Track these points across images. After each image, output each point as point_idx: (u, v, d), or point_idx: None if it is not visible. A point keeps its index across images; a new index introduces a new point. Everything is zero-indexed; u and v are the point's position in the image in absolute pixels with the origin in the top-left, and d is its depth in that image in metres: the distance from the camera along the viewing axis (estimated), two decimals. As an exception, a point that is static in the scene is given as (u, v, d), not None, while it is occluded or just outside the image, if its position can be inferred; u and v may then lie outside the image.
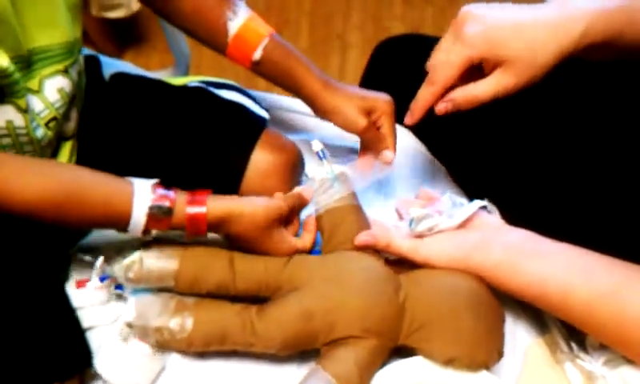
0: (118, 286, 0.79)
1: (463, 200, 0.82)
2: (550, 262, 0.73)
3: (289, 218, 0.83)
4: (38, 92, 0.79)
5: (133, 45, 2.12)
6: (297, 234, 0.85)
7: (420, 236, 0.79)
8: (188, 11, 0.90)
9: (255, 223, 0.77)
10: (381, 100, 0.89)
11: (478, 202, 0.81)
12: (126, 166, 0.91)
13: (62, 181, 0.74)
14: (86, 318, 0.80)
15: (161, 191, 0.75)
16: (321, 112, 0.90)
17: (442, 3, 2.31)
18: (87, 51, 1.02)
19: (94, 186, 0.75)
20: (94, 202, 0.74)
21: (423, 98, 0.79)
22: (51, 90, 0.80)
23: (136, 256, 0.76)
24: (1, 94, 0.75)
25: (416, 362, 0.74)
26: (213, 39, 0.91)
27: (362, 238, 0.80)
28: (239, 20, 0.89)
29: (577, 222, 0.83)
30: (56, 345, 0.74)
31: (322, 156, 0.87)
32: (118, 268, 0.77)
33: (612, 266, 0.71)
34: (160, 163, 0.92)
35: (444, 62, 0.76)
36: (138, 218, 0.74)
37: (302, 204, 0.85)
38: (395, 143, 0.90)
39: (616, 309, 0.68)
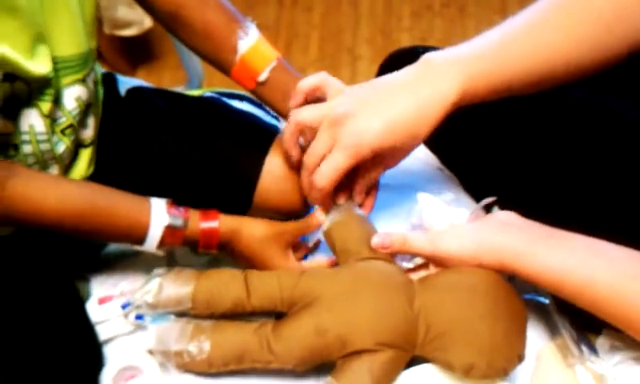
0: (139, 316, 0.82)
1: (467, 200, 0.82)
2: (569, 247, 0.72)
3: (295, 242, 0.88)
4: (57, 99, 0.81)
5: (145, 63, 2.15)
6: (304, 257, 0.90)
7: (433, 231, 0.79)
8: (199, 28, 0.92)
9: (261, 241, 0.83)
10: None
11: (488, 199, 0.81)
12: (142, 174, 0.93)
13: (83, 195, 0.79)
14: (106, 330, 0.83)
15: (175, 207, 0.81)
16: None
17: (451, 15, 2.33)
18: (101, 70, 1.04)
19: (113, 200, 0.80)
20: (113, 216, 0.79)
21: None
22: (69, 98, 0.83)
23: (155, 282, 0.80)
24: (29, 97, 0.78)
25: (425, 370, 0.75)
26: (220, 57, 0.92)
27: (377, 240, 0.80)
28: (250, 40, 0.90)
29: (588, 225, 0.84)
30: (72, 357, 0.77)
31: None
32: (139, 294, 0.80)
33: (631, 252, 0.71)
34: (176, 170, 0.95)
35: (328, 172, 0.79)
36: (156, 230, 0.79)
37: (308, 230, 0.88)
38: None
39: None
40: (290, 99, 0.86)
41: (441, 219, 0.78)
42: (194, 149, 0.95)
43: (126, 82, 1.05)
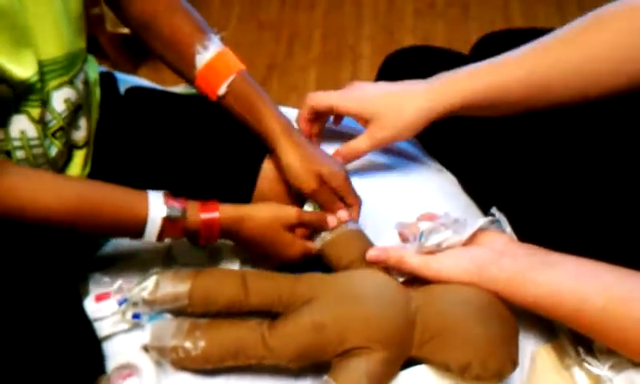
0: (136, 315, 0.82)
1: (464, 217, 0.83)
2: (561, 272, 0.73)
3: (303, 229, 0.86)
4: (46, 103, 0.81)
5: (148, 60, 2.15)
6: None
7: (430, 253, 0.80)
8: (165, 35, 0.93)
9: (263, 225, 0.82)
10: (335, 172, 0.89)
11: (484, 219, 0.81)
12: (140, 175, 0.93)
13: (78, 191, 0.78)
14: (104, 328, 0.83)
15: (173, 198, 0.80)
16: (275, 159, 0.91)
17: (454, 14, 2.32)
18: (102, 68, 1.04)
19: (108, 195, 0.79)
20: (109, 210, 0.78)
21: None
22: (58, 100, 0.82)
23: (152, 279, 0.80)
24: (16, 102, 0.78)
25: (420, 371, 0.75)
26: (183, 68, 0.93)
27: (374, 253, 0.82)
28: (208, 54, 0.91)
29: (584, 233, 0.84)
30: (71, 354, 0.77)
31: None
32: (136, 290, 0.80)
33: (621, 273, 0.72)
34: (174, 171, 0.95)
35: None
36: (154, 221, 0.78)
37: (318, 223, 0.87)
38: (358, 210, 0.91)
39: (633, 314, 0.68)
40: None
41: (438, 242, 0.78)
42: (191, 151, 0.95)
43: (126, 81, 1.05)
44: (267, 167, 0.93)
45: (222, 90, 0.90)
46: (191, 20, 0.93)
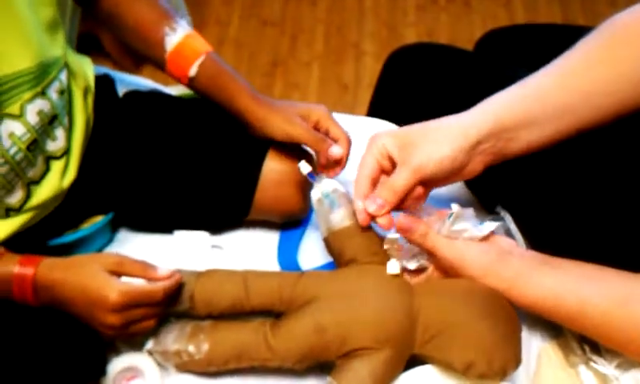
0: None
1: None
2: (564, 275, 0.73)
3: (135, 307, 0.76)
4: (20, 117, 0.78)
5: (150, 59, 2.15)
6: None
7: (452, 238, 0.77)
8: (130, 25, 0.93)
9: (79, 295, 0.75)
10: (314, 107, 0.90)
11: (495, 223, 0.80)
12: (137, 181, 0.93)
13: None
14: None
15: None
16: (253, 124, 0.90)
17: (456, 9, 2.32)
18: (105, 68, 1.04)
19: None
20: None
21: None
22: (32, 113, 0.80)
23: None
24: None
25: (425, 371, 0.75)
26: (152, 54, 0.93)
27: (406, 220, 0.76)
28: (177, 36, 0.91)
29: (588, 234, 0.84)
30: (73, 355, 0.77)
31: (312, 178, 0.85)
32: None
33: (623, 275, 0.72)
34: (172, 177, 0.94)
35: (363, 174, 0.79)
36: None
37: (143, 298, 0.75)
38: (347, 141, 0.89)
39: (635, 315, 0.69)
40: None
41: (462, 229, 0.77)
42: (190, 157, 0.94)
43: (127, 81, 1.05)
44: (268, 166, 0.93)
45: (192, 71, 0.91)
46: (155, 7, 0.93)
